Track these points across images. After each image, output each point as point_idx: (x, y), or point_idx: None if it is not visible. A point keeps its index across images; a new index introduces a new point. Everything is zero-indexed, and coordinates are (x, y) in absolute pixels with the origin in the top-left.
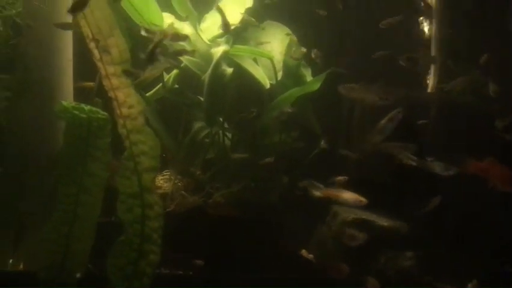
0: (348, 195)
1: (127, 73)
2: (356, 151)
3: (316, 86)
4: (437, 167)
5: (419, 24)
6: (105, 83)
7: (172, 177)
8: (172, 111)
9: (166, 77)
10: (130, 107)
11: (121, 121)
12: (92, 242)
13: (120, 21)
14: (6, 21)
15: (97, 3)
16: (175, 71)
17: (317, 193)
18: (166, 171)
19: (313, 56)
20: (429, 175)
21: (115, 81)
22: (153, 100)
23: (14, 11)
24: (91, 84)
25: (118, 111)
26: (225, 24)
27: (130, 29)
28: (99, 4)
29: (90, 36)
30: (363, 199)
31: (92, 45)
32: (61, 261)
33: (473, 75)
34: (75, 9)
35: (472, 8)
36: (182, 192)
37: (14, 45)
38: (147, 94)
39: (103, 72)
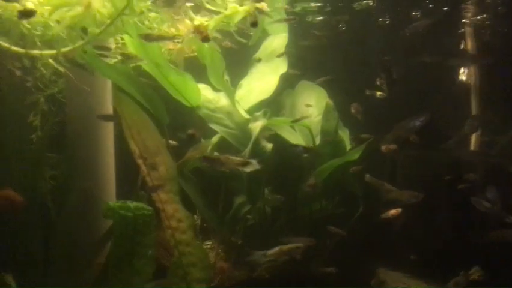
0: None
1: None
2: None
3: (356, 156)
4: None
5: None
6: (153, 196)
7: (214, 247)
8: (210, 182)
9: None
10: (179, 220)
11: (169, 231)
12: None
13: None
14: (49, 99)
15: (143, 124)
16: (213, 142)
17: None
18: (207, 241)
19: (353, 110)
20: None
21: (163, 196)
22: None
23: (56, 89)
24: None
25: (167, 223)
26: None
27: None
28: (146, 125)
29: (138, 153)
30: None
31: (140, 161)
32: None
33: None
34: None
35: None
36: (226, 265)
37: (59, 123)
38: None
39: (151, 186)
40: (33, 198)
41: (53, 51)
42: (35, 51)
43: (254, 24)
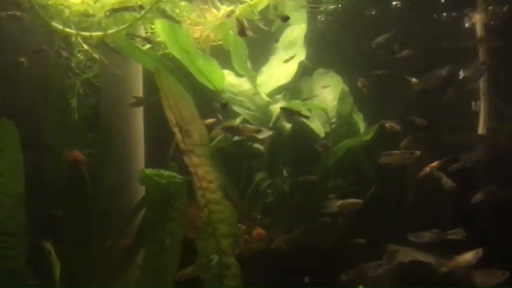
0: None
1: None
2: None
3: (370, 136)
4: None
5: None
6: (186, 160)
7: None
8: (233, 160)
9: None
10: (210, 182)
11: (200, 192)
12: None
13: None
14: (85, 83)
15: (181, 97)
16: (236, 123)
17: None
18: None
19: (360, 84)
20: None
21: (195, 160)
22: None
23: (91, 74)
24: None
25: (198, 184)
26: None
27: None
28: (183, 96)
29: (174, 121)
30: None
31: (176, 129)
32: None
33: None
34: None
35: None
36: (246, 236)
37: (94, 105)
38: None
39: (184, 151)
40: (73, 172)
41: (101, 33)
42: (85, 33)
43: (285, 18)
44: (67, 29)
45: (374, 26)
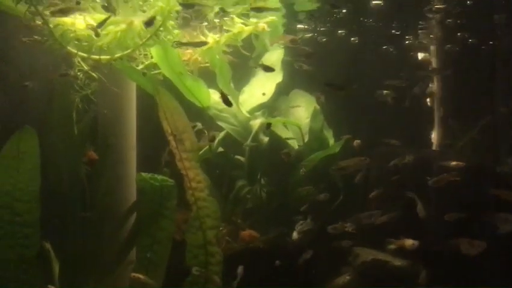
0: None
1: None
2: None
3: (337, 149)
4: None
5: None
6: (179, 164)
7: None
8: (216, 169)
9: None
10: (198, 182)
11: (190, 191)
12: (162, 280)
13: None
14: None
15: (176, 110)
16: (220, 136)
17: None
18: None
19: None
20: None
21: (187, 164)
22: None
23: (89, 91)
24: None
25: (189, 185)
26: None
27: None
28: (178, 110)
29: (169, 131)
30: None
31: (170, 138)
32: None
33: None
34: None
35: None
36: (227, 238)
37: (93, 118)
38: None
39: (177, 156)
40: (74, 180)
41: (108, 57)
42: (95, 56)
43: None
44: (81, 53)
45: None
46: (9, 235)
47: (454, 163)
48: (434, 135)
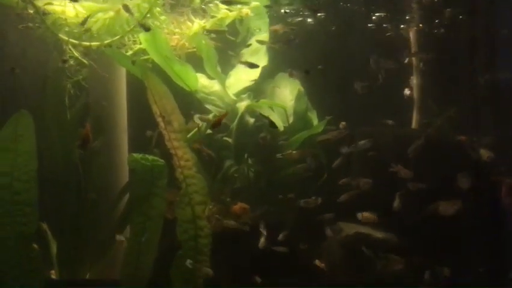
0: None
1: None
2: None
3: (321, 128)
4: None
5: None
6: (168, 144)
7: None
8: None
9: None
10: (186, 160)
11: (179, 170)
12: (155, 255)
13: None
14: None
15: (164, 93)
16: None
17: None
18: None
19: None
20: None
21: (175, 143)
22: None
23: (80, 77)
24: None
25: (178, 163)
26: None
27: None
28: (165, 93)
29: (158, 113)
30: None
31: (160, 119)
32: (134, 269)
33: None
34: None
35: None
36: (217, 216)
37: (85, 103)
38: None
39: (167, 137)
40: (68, 161)
41: (99, 43)
42: (85, 43)
43: None
44: (72, 40)
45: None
46: (9, 213)
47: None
48: (414, 115)
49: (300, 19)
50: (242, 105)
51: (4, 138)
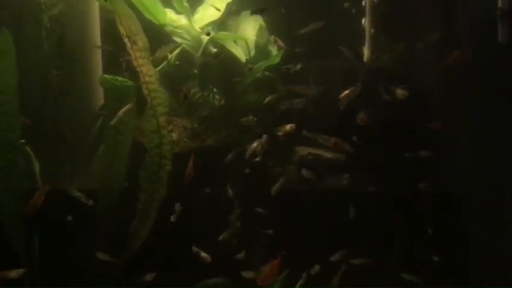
0: None
1: None
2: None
3: (278, 59)
4: None
5: None
6: (134, 62)
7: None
8: (173, 80)
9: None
10: (150, 76)
11: (144, 85)
12: (126, 163)
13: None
14: (51, 19)
15: (128, 15)
16: (176, 52)
17: None
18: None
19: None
20: None
21: (141, 61)
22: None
23: (57, 11)
24: None
25: (143, 79)
26: None
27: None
28: (130, 16)
29: (124, 33)
30: None
31: (126, 39)
32: (108, 178)
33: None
34: None
35: None
36: (185, 139)
37: (60, 37)
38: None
39: (133, 56)
40: (46, 89)
41: None
42: None
43: None
44: None
45: None
46: None
47: None
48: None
49: None
50: (206, 37)
51: None
